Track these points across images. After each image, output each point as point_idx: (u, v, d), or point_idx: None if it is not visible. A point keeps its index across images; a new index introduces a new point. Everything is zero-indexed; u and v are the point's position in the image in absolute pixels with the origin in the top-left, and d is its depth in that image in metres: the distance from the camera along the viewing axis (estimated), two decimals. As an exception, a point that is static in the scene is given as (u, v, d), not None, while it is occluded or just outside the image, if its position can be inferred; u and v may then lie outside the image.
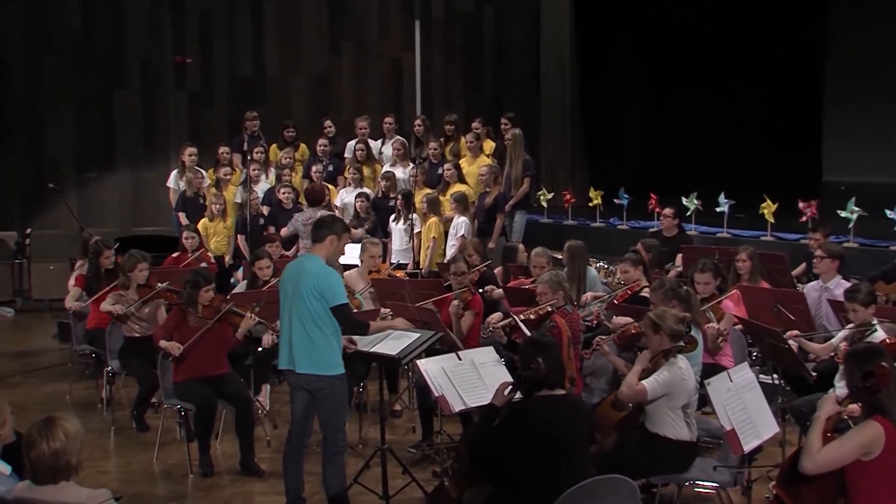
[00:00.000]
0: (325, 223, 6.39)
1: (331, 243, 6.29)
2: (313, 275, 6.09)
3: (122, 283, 8.61)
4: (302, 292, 6.08)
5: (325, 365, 6.08)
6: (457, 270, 8.26)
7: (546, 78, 17.39)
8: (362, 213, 11.81)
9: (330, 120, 13.69)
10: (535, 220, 14.01)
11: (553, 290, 7.34)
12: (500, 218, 11.80)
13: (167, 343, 7.41)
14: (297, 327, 6.10)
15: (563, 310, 7.33)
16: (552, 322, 7.12)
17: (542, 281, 7.46)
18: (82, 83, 15.40)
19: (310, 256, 6.34)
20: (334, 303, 6.05)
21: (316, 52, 16.67)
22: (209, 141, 14.90)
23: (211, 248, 11.70)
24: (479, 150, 12.64)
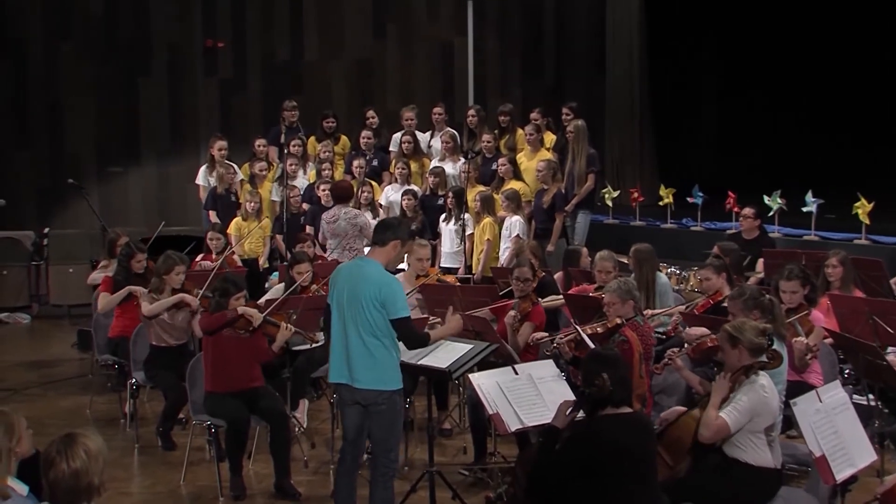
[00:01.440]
0: (391, 226, 6.41)
1: (394, 248, 6.33)
2: (374, 283, 6.12)
3: (155, 286, 8.63)
4: (361, 301, 6.11)
5: (385, 379, 6.14)
6: (521, 276, 8.15)
7: (612, 64, 17.30)
8: (409, 212, 11.82)
9: (374, 110, 13.71)
10: (600, 220, 13.96)
11: (622, 300, 7.27)
12: (560, 218, 11.75)
13: (248, 309, 7.46)
14: (355, 339, 6.14)
15: (634, 322, 7.27)
16: (622, 336, 7.05)
17: (610, 290, 7.39)
18: (104, 70, 15.57)
19: (368, 261, 6.35)
20: (396, 315, 6.09)
21: (358, 35, 16.73)
22: (242, 133, 15.03)
23: (244, 250, 11.79)
24: (539, 143, 12.60)
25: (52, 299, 14.43)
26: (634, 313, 7.35)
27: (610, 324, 7.17)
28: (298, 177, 12.72)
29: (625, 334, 7.05)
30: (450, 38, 17.15)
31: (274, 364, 8.14)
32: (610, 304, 7.31)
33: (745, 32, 17.14)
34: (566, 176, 11.97)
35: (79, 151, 15.56)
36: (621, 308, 7.25)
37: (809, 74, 16.82)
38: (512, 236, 11.14)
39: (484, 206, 11.45)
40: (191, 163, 15.23)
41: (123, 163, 15.79)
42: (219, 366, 7.44)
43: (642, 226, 14.03)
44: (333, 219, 11.00)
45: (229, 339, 7.48)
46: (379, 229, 6.43)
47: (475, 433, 7.65)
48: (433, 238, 11.61)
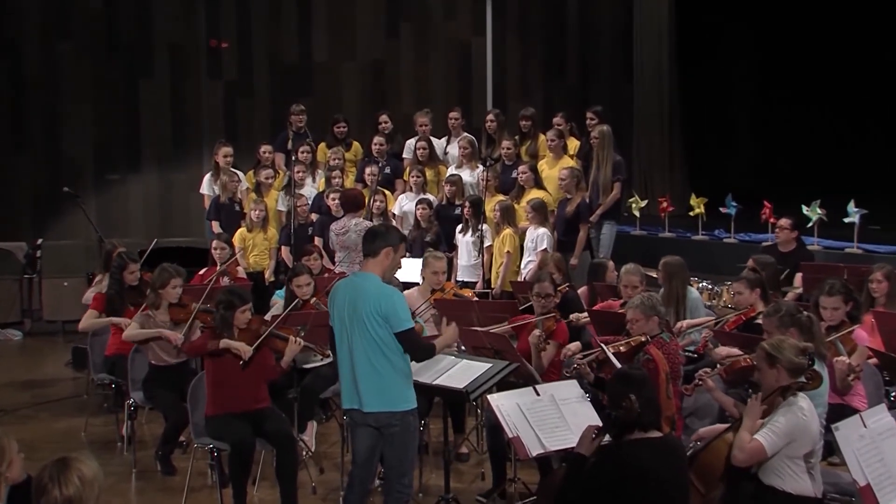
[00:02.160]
0: (378, 234, 6.40)
1: (386, 256, 6.31)
2: (373, 297, 6.12)
3: (151, 301, 8.66)
4: (363, 318, 6.11)
5: (396, 400, 6.13)
6: (542, 291, 8.15)
7: (640, 65, 17.30)
8: (424, 222, 11.81)
9: (387, 114, 13.71)
10: (626, 231, 13.94)
11: (646, 317, 7.25)
12: (585, 229, 11.73)
13: (235, 343, 7.40)
14: (361, 359, 6.15)
15: (660, 339, 7.25)
16: (646, 355, 7.04)
17: (633, 306, 7.38)
18: (103, 71, 15.63)
19: (364, 275, 6.35)
20: (400, 328, 6.08)
21: (371, 34, 16.77)
22: (247, 138, 15.06)
23: (249, 263, 11.79)
24: (561, 149, 12.58)
25: (45, 315, 14.46)
26: (660, 330, 7.33)
27: (634, 341, 7.16)
28: (306, 185, 12.73)
29: (649, 352, 7.04)
30: (467, 38, 17.18)
31: (280, 383, 8.13)
32: (633, 321, 7.29)
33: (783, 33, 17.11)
34: (590, 184, 11.95)
35: (76, 157, 15.60)
36: (645, 325, 7.24)
37: (852, 78, 16.77)
38: (538, 249, 11.12)
39: (503, 216, 11.44)
40: (193, 170, 15.27)
41: (123, 169, 15.83)
42: (222, 385, 7.43)
43: (672, 237, 13.99)
44: (343, 230, 10.99)
45: (231, 358, 7.47)
46: (367, 240, 6.42)
47: (494, 458, 7.61)
48: (449, 250, 11.59)
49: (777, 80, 17.55)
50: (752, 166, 17.32)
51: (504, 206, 11.51)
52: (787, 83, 17.39)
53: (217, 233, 11.68)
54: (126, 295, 9.36)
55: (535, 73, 17.52)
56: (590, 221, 11.78)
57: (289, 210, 12.11)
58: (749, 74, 18.10)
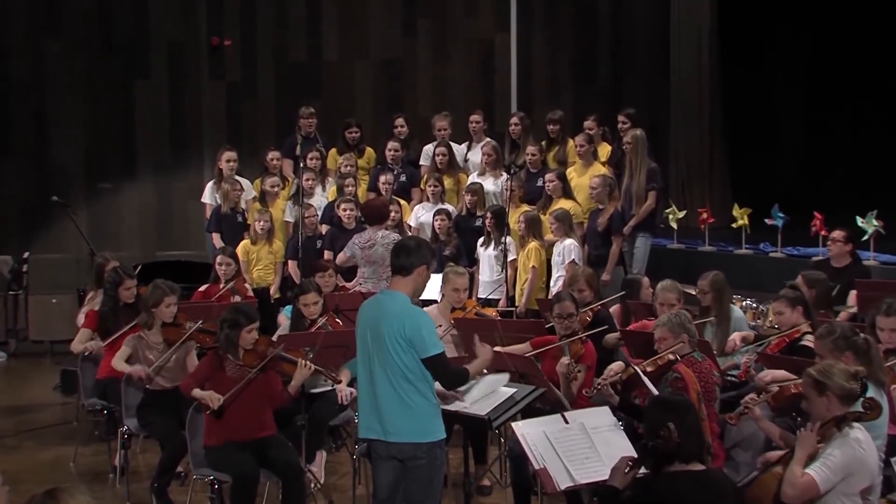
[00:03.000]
0: (410, 250, 6.40)
1: (419, 275, 6.35)
2: (397, 318, 6.13)
3: (143, 321, 8.68)
4: (386, 342, 6.12)
5: (423, 430, 6.15)
6: (563, 312, 8.15)
7: (678, 65, 17.26)
8: (442, 234, 11.81)
9: (403, 118, 13.74)
10: (662, 245, 13.92)
11: (674, 334, 7.27)
12: (617, 242, 11.71)
13: (203, 392, 7.44)
14: (384, 386, 6.15)
15: (690, 358, 7.27)
16: (675, 374, 7.05)
17: (661, 324, 7.42)
18: (96, 71, 15.68)
19: (391, 294, 6.36)
20: (427, 353, 6.10)
21: (385, 32, 16.79)
22: (252, 143, 15.09)
23: (253, 279, 11.79)
24: (592, 156, 12.58)
25: (31, 334, 14.50)
26: (691, 348, 7.35)
27: (661, 360, 7.18)
28: (316, 194, 12.74)
29: (678, 371, 7.05)
30: (490, 35, 17.17)
31: (287, 410, 8.12)
32: (661, 340, 7.32)
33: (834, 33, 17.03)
34: (623, 194, 11.94)
35: (66, 164, 15.63)
36: (674, 343, 7.25)
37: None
38: (566, 263, 11.09)
39: (529, 228, 11.43)
40: (193, 178, 15.30)
41: (116, 177, 15.86)
42: (223, 411, 7.42)
43: (712, 251, 13.93)
44: (369, 243, 10.97)
45: (235, 381, 7.46)
46: (399, 254, 6.41)
47: (518, 491, 7.59)
48: (470, 265, 11.58)
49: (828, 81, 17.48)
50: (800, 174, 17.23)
51: (529, 218, 11.50)
52: (839, 84, 17.31)
53: (219, 247, 11.68)
54: (121, 313, 9.35)
55: (564, 72, 17.50)
56: (623, 234, 11.77)
57: (296, 221, 12.12)
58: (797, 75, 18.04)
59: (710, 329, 8.98)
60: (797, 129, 18.24)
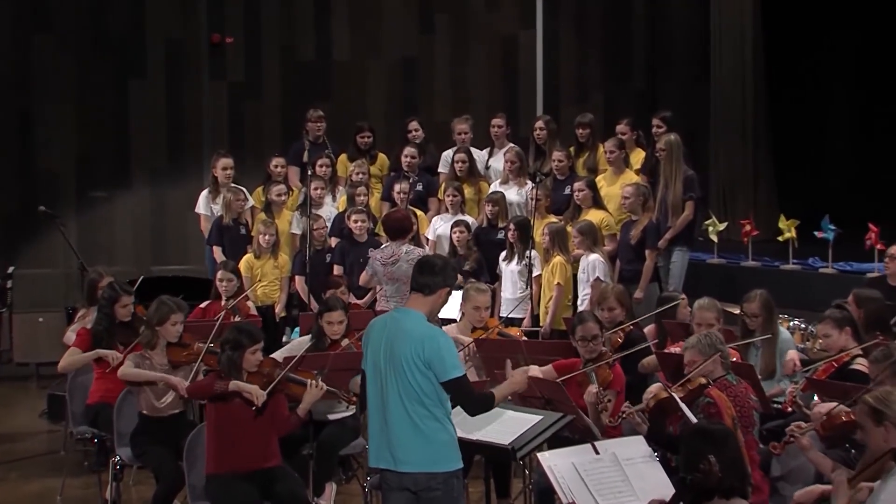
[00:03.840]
0: (436, 268, 6.44)
1: (439, 297, 6.40)
2: (416, 338, 6.15)
3: (146, 340, 8.62)
4: (402, 363, 6.14)
5: (438, 459, 6.16)
6: (586, 334, 8.17)
7: (719, 64, 17.23)
8: (461, 248, 11.81)
9: (418, 121, 13.74)
10: (701, 259, 13.91)
11: (705, 356, 7.32)
12: (652, 257, 11.70)
13: (246, 385, 7.42)
14: (397, 411, 6.17)
15: (723, 381, 7.31)
16: (707, 399, 7.07)
17: (689, 346, 7.47)
18: (88, 70, 15.71)
19: (406, 312, 6.39)
20: (447, 376, 6.12)
21: (401, 28, 16.80)
22: (256, 149, 15.13)
23: (257, 295, 11.81)
24: (624, 162, 12.57)
25: (16, 356, 14.49)
26: (724, 370, 7.37)
27: (692, 385, 7.19)
28: (325, 204, 12.77)
29: (710, 395, 7.06)
30: (513, 32, 17.17)
31: (294, 438, 8.13)
32: (691, 363, 7.36)
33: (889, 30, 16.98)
34: (658, 204, 11.92)
35: (54, 170, 15.65)
36: (705, 366, 7.28)
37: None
38: (591, 280, 11.10)
39: (554, 241, 11.43)
40: (192, 186, 15.27)
41: (110, 185, 15.86)
42: (225, 439, 7.45)
43: (756, 267, 13.90)
44: (392, 259, 10.93)
45: (238, 405, 7.48)
46: (423, 272, 6.44)
47: (545, 528, 7.59)
48: (492, 281, 11.59)
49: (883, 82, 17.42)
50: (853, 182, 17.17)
51: (555, 230, 11.49)
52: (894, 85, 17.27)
53: (221, 261, 11.69)
54: (116, 332, 9.36)
55: (594, 72, 17.49)
56: (658, 248, 11.75)
57: (304, 233, 12.12)
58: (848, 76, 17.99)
59: (753, 351, 8.98)
60: (849, 134, 18.17)
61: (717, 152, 17.11)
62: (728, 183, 17.00)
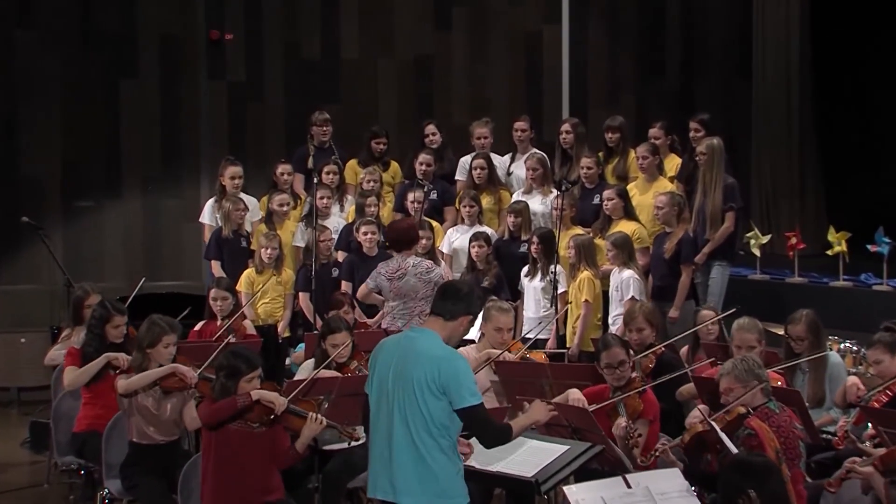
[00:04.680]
0: (461, 295, 6.47)
1: (460, 325, 6.44)
2: (430, 360, 6.15)
3: (136, 363, 8.57)
4: (413, 386, 6.15)
5: (443, 493, 6.17)
6: (612, 360, 8.17)
7: (762, 63, 17.21)
8: (480, 262, 11.82)
9: (434, 125, 13.75)
10: (742, 275, 13.92)
11: (743, 383, 7.31)
12: (688, 272, 11.69)
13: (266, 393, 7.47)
14: (402, 439, 6.18)
15: (764, 409, 7.30)
16: (747, 429, 7.07)
17: (725, 373, 7.45)
18: (75, 69, 15.72)
19: (421, 331, 6.41)
20: (463, 404, 6.13)
21: (415, 24, 16.82)
22: (258, 155, 15.15)
23: (258, 314, 11.82)
24: (658, 169, 12.57)
25: (-4, 381, 14.54)
26: (765, 398, 7.37)
27: (730, 415, 7.18)
28: (332, 214, 12.80)
29: (751, 426, 7.05)
30: (537, 27, 17.18)
31: (298, 470, 8.14)
32: (728, 391, 7.35)
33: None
34: (695, 214, 11.91)
35: (38, 178, 15.65)
36: (743, 394, 7.28)
37: None
38: (625, 299, 11.11)
39: (581, 254, 11.43)
40: (188, 195, 15.34)
41: (99, 194, 15.86)
42: (223, 471, 7.46)
43: (803, 283, 13.87)
44: (398, 273, 10.95)
45: (238, 435, 7.50)
46: (447, 296, 6.47)
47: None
48: (513, 299, 11.59)
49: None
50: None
51: (582, 243, 11.49)
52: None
53: (217, 277, 11.71)
54: (108, 353, 9.37)
55: (625, 71, 17.48)
56: (695, 262, 11.74)
57: (309, 246, 12.13)
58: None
59: (800, 376, 8.96)
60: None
61: (760, 158, 17.08)
62: (772, 191, 16.96)
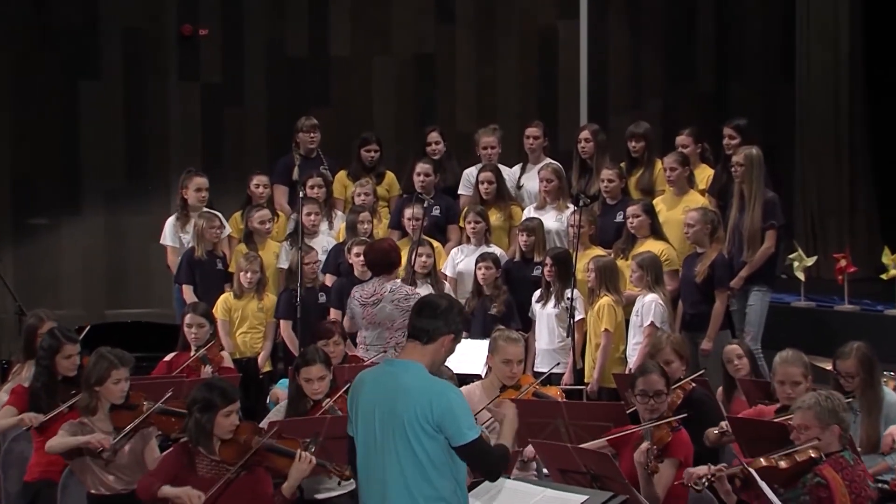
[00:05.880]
0: (438, 310, 6.43)
1: (441, 346, 6.37)
2: (420, 396, 6.14)
3: (84, 404, 8.54)
4: (404, 428, 6.14)
5: None
6: (649, 388, 8.20)
7: (806, 63, 17.25)
8: (488, 287, 11.82)
9: (437, 132, 13.74)
10: (784, 302, 13.98)
11: (822, 424, 7.24)
12: (723, 299, 11.69)
13: (177, 490, 7.41)
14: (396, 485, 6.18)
15: (839, 459, 7.24)
16: (818, 478, 7.02)
17: (804, 406, 7.35)
18: (29, 69, 15.77)
19: (404, 364, 6.37)
20: (462, 440, 6.12)
21: (414, 18, 16.86)
22: (236, 165, 15.17)
23: (237, 345, 11.80)
24: (688, 182, 12.56)
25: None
26: (841, 446, 7.30)
27: (800, 455, 7.12)
28: (320, 233, 12.80)
29: (822, 475, 7.01)
30: (552, 22, 17.23)
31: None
32: (802, 428, 7.27)
33: None
34: (730, 233, 11.92)
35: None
36: (820, 435, 7.20)
37: None
38: (644, 325, 11.10)
39: (602, 278, 11.43)
40: (157, 211, 15.31)
41: (55, 210, 15.89)
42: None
43: (853, 311, 13.90)
44: (372, 298, 10.95)
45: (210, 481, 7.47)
46: (422, 314, 6.43)
47: None
48: (524, 328, 11.58)
49: None
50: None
51: (602, 265, 11.49)
52: None
53: (191, 302, 11.69)
54: (58, 391, 9.33)
55: (651, 71, 17.53)
56: (730, 287, 11.74)
57: (293, 269, 12.12)
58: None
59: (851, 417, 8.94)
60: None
61: (804, 170, 17.11)
62: (818, 207, 16.99)
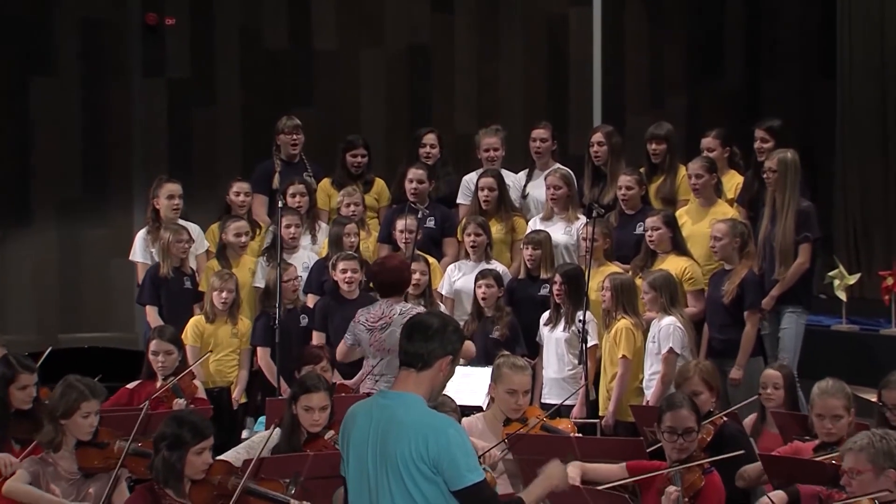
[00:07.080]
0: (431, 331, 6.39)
1: (439, 371, 6.36)
2: (415, 432, 6.14)
3: (47, 438, 8.50)
4: (399, 468, 6.13)
5: None
6: (678, 425, 8.20)
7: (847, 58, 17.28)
8: (489, 308, 11.83)
9: (433, 134, 13.75)
10: (823, 325, 14.00)
11: (877, 468, 7.23)
12: (753, 322, 11.69)
13: None
14: None
15: (896, 507, 7.28)
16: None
17: (855, 448, 7.34)
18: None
19: (399, 396, 6.37)
20: (462, 483, 6.10)
21: (407, 7, 16.89)
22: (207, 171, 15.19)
23: (208, 374, 11.82)
24: (714, 190, 12.57)
25: None
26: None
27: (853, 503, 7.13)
28: (301, 247, 12.82)
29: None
30: (561, 9, 17.26)
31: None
32: (854, 472, 7.27)
33: None
34: (761, 247, 11.94)
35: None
36: (874, 482, 7.21)
37: None
38: (662, 352, 11.13)
39: (619, 298, 11.44)
40: (118, 223, 15.35)
41: (2, 222, 15.90)
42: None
43: (901, 336, 13.94)
44: (381, 323, 10.85)
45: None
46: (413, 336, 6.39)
47: None
48: (531, 355, 11.62)
49: None
50: None
51: (619, 283, 11.50)
52: None
53: (156, 327, 11.69)
54: (12, 426, 9.35)
55: (673, 67, 17.57)
56: (762, 308, 11.77)
57: (270, 288, 12.13)
58: None
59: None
60: None
61: (846, 176, 17.13)
62: (861, 218, 17.01)
